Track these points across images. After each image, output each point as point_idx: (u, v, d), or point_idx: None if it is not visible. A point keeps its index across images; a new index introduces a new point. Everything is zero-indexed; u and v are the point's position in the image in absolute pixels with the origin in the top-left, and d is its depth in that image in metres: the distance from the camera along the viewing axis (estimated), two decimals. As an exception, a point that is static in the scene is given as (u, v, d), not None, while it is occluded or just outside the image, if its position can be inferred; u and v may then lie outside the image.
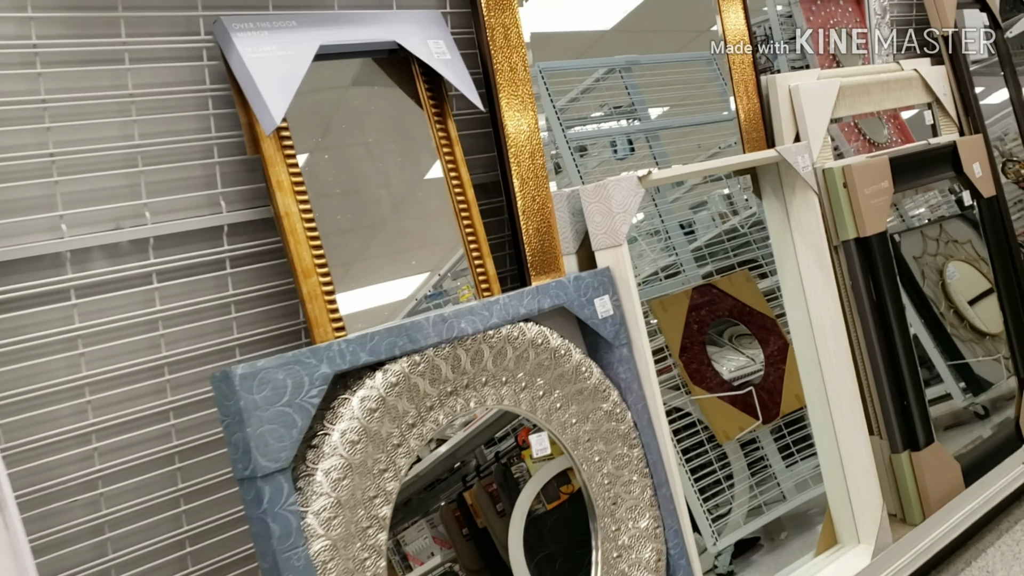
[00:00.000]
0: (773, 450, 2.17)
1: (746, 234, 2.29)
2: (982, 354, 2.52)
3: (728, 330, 2.20)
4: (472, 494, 1.57)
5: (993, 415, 2.46)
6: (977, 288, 2.51)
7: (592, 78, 2.09)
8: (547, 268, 1.57)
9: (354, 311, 1.43)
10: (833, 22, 2.43)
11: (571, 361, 1.48)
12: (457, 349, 1.34)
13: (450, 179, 1.50)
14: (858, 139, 2.46)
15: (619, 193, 1.56)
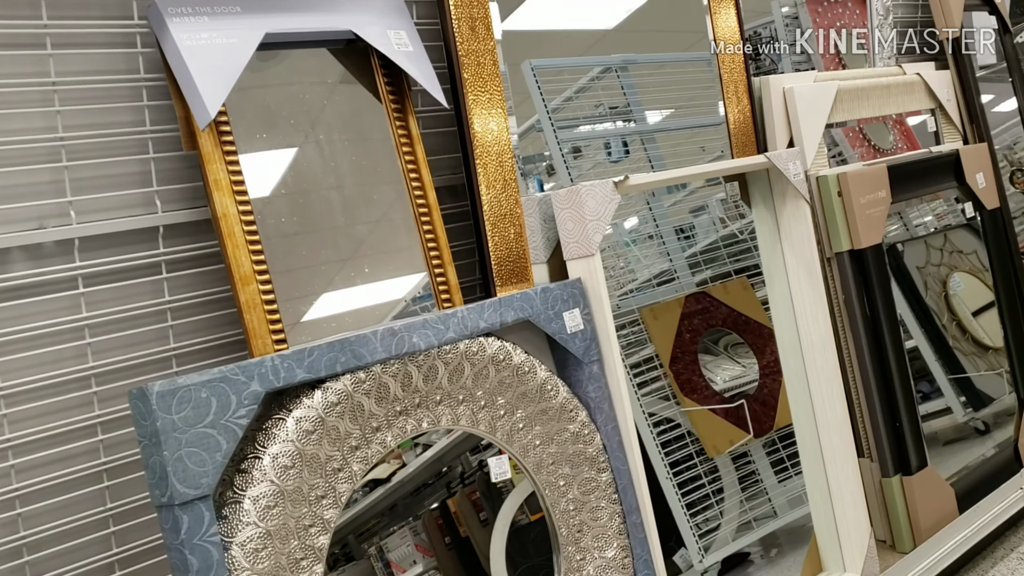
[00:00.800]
0: (765, 464, 2.09)
1: (745, 240, 2.21)
2: (984, 368, 2.44)
3: (724, 339, 2.11)
4: (455, 502, 1.50)
5: (994, 431, 2.37)
6: (981, 300, 2.42)
7: (587, 77, 2.01)
8: (515, 278, 1.47)
9: (341, 311, 1.36)
10: (840, 24, 2.33)
11: (535, 379, 1.38)
12: (408, 366, 1.24)
13: (410, 180, 1.40)
14: (863, 144, 2.35)
15: (592, 199, 1.45)
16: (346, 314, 1.38)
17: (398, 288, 1.45)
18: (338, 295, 1.39)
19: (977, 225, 2.49)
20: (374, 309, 1.42)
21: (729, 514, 2.04)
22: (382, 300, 1.43)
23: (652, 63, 2.10)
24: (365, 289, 1.42)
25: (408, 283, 1.45)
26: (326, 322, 1.36)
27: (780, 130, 1.92)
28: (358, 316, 1.39)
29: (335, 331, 1.36)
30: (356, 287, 1.41)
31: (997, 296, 2.33)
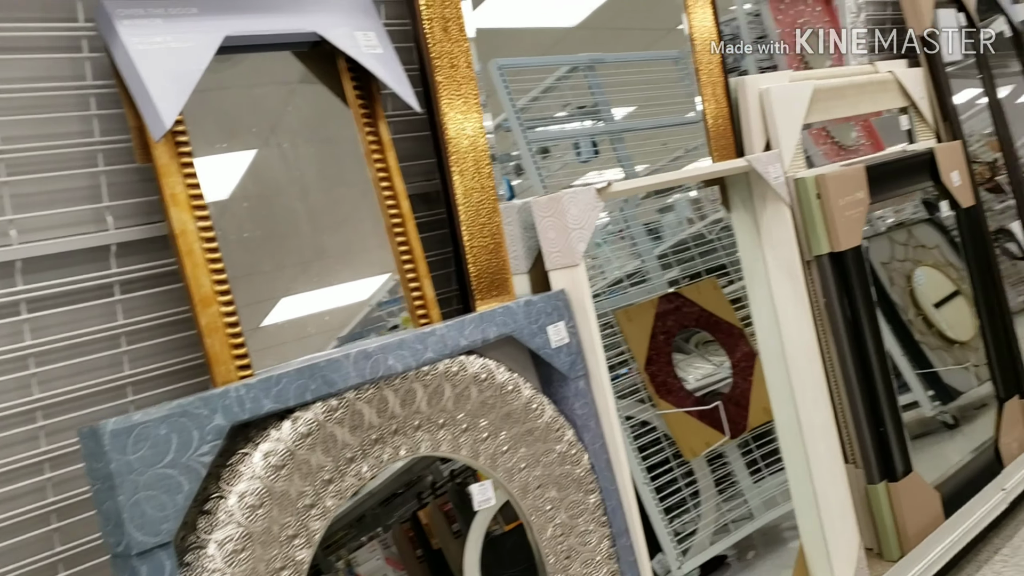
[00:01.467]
0: (741, 466, 2.06)
1: (712, 240, 2.17)
2: (951, 362, 2.44)
3: (694, 337, 2.06)
4: (427, 513, 1.42)
5: (963, 424, 2.37)
6: (943, 292, 2.42)
7: (554, 76, 1.97)
8: (495, 290, 1.39)
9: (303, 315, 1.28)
10: (802, 22, 2.29)
11: (520, 398, 1.30)
12: (384, 390, 1.15)
13: (381, 189, 1.32)
14: (826, 142, 2.32)
15: (575, 207, 1.38)
16: (307, 318, 1.30)
17: (361, 291, 1.37)
18: (299, 299, 1.32)
19: (939, 220, 2.49)
20: (336, 312, 1.34)
21: (706, 518, 2.01)
22: (345, 303, 1.35)
23: (619, 62, 2.06)
24: (327, 292, 1.34)
25: (371, 286, 1.37)
26: (286, 327, 1.28)
27: (757, 132, 1.86)
28: (319, 320, 1.31)
29: (296, 336, 1.28)
30: (318, 290, 1.32)
31: (975, 295, 2.30)
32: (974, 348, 2.46)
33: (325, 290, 1.34)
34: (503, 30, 1.76)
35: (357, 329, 1.38)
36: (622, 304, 1.93)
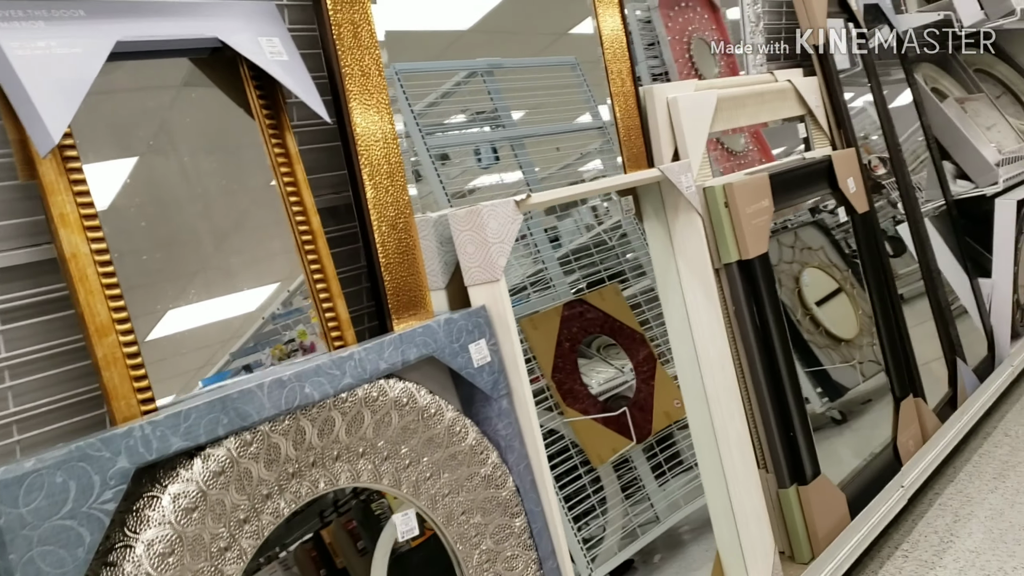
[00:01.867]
0: (646, 470, 2.07)
1: (611, 245, 2.17)
2: (838, 360, 2.51)
3: (595, 341, 2.06)
4: (330, 532, 1.35)
5: (850, 419, 2.43)
6: (825, 290, 2.50)
7: (452, 81, 1.93)
8: (411, 307, 1.33)
9: (191, 327, 1.19)
10: (691, 29, 2.31)
11: (442, 421, 1.25)
12: (300, 420, 1.08)
13: (290, 204, 1.24)
14: (716, 148, 2.34)
15: (495, 220, 1.33)
16: (195, 332, 1.21)
17: (252, 303, 1.29)
18: (187, 311, 1.22)
19: (823, 222, 2.57)
20: (227, 325, 1.25)
21: (613, 523, 2.01)
22: (236, 315, 1.27)
23: (518, 67, 2.04)
24: (218, 304, 1.25)
25: (260, 296, 1.29)
26: (173, 340, 1.19)
27: (666, 140, 1.86)
28: (208, 334, 1.23)
29: (189, 348, 1.20)
30: (207, 301, 1.23)
31: (871, 298, 2.37)
32: (858, 345, 2.55)
33: (214, 302, 1.24)
34: (393, 33, 1.72)
35: (250, 343, 1.30)
36: (527, 312, 1.91)
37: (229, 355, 1.28)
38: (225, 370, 1.25)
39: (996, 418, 2.92)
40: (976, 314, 2.98)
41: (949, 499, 2.43)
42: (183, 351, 1.20)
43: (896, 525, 2.30)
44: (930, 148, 2.93)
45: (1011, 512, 2.34)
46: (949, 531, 2.27)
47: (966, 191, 3.00)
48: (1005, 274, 3.02)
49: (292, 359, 1.26)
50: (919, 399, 2.43)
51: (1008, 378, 2.95)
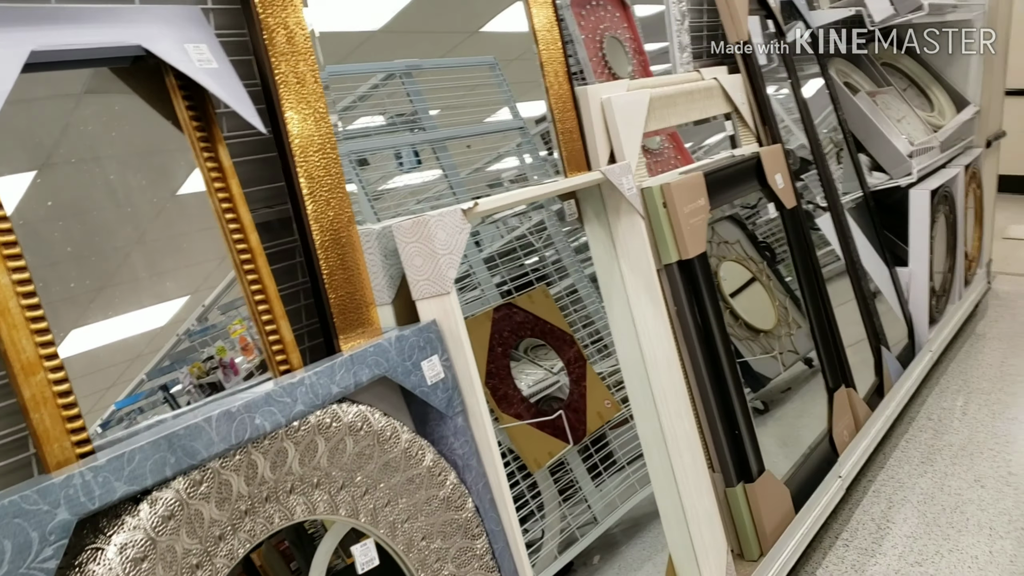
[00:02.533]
0: (582, 471, 2.06)
1: (534, 244, 2.16)
2: (758, 351, 2.55)
3: (523, 343, 2.03)
4: (260, 554, 1.28)
5: (772, 409, 2.47)
6: (739, 282, 2.54)
7: (369, 84, 1.87)
8: (357, 324, 1.26)
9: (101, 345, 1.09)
10: (603, 27, 2.29)
11: (399, 444, 1.19)
12: (252, 454, 1.01)
13: (226, 222, 1.16)
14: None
15: (443, 231, 1.28)
16: (102, 349, 1.12)
17: (163, 316, 1.20)
18: (95, 328, 1.12)
19: (738, 216, 2.61)
20: (138, 341, 1.16)
21: (552, 529, 1.99)
22: (147, 330, 1.18)
23: (436, 68, 2.00)
24: (127, 319, 1.16)
25: (172, 309, 1.21)
26: (80, 360, 1.09)
27: (601, 142, 1.83)
28: (115, 352, 1.14)
29: (97, 368, 1.10)
30: (116, 318, 1.14)
31: (802, 292, 2.39)
32: (777, 336, 2.59)
33: (122, 318, 1.15)
34: None
35: (165, 362, 1.21)
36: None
37: (143, 375, 1.20)
38: (139, 391, 1.17)
39: (918, 403, 3.00)
40: (895, 302, 3.05)
41: (882, 486, 2.48)
42: (90, 371, 1.11)
43: (836, 515, 2.34)
44: (847, 141, 2.98)
45: (941, 495, 2.40)
46: (885, 518, 2.31)
47: (882, 182, 3.08)
48: (921, 262, 3.10)
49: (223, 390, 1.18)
50: (851, 389, 2.47)
51: (928, 363, 3.04)
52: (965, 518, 2.28)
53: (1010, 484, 2.43)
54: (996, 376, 3.19)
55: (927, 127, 3.38)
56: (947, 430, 2.79)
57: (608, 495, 2.08)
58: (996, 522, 2.25)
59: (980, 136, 3.85)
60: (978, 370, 3.27)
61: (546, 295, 2.10)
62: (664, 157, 2.41)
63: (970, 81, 3.75)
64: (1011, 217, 5.76)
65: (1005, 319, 3.82)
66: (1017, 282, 4.38)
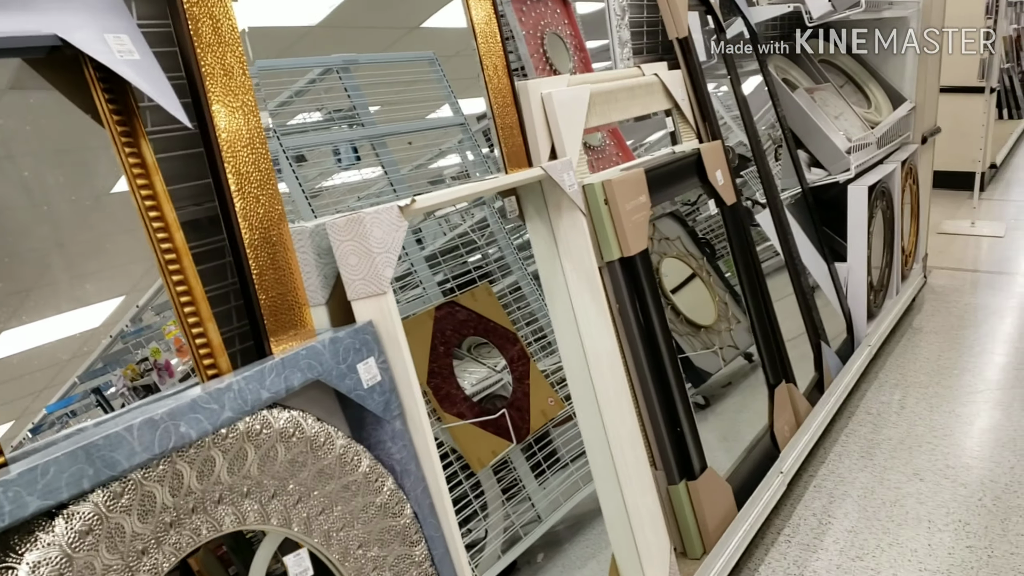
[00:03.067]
0: (526, 470, 2.06)
1: (476, 241, 2.13)
2: (699, 346, 2.56)
3: (466, 341, 2.01)
4: (198, 559, 1.28)
5: (713, 403, 2.52)
6: (680, 278, 2.58)
7: (306, 79, 1.84)
8: (290, 326, 1.22)
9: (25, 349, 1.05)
10: (544, 23, 2.27)
11: (333, 451, 1.15)
12: (177, 463, 0.96)
13: (149, 220, 1.11)
14: (578, 144, 2.32)
15: (379, 229, 1.24)
16: (31, 352, 1.07)
17: (96, 318, 1.16)
18: (22, 331, 1.08)
19: (679, 213, 2.62)
20: (69, 343, 1.12)
21: (496, 528, 1.98)
22: (79, 331, 1.14)
23: (374, 63, 1.97)
24: (57, 321, 1.11)
25: (106, 311, 1.16)
26: (7, 363, 1.05)
27: (542, 137, 1.81)
28: (44, 354, 1.09)
29: (26, 372, 1.06)
30: (44, 320, 1.10)
31: (742, 287, 2.40)
32: (717, 331, 2.61)
33: (52, 320, 1.11)
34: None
35: (98, 364, 1.17)
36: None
37: (76, 378, 1.15)
38: (72, 394, 1.12)
39: (858, 397, 3.05)
40: (834, 297, 3.09)
41: (823, 480, 2.50)
42: (21, 375, 1.06)
43: (777, 511, 2.35)
44: (785, 138, 3.01)
45: (880, 489, 2.43)
46: (826, 512, 2.33)
47: (820, 179, 3.11)
48: (859, 258, 3.15)
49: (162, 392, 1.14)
50: (791, 384, 2.48)
51: (867, 358, 3.08)
52: (904, 511, 2.31)
53: (948, 477, 2.47)
54: (933, 370, 3.25)
55: (864, 123, 3.43)
56: (886, 424, 2.83)
57: (552, 493, 2.08)
58: (934, 515, 2.28)
59: (916, 132, 3.92)
60: (915, 364, 3.33)
61: (489, 293, 2.08)
62: (606, 154, 2.40)
63: (906, 78, 3.82)
64: (945, 212, 5.89)
65: (941, 313, 3.90)
66: (952, 276, 4.48)
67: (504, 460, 2.03)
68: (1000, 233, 5.28)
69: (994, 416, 2.83)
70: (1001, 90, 7.08)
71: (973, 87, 5.92)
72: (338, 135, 1.93)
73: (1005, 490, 2.37)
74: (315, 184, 1.83)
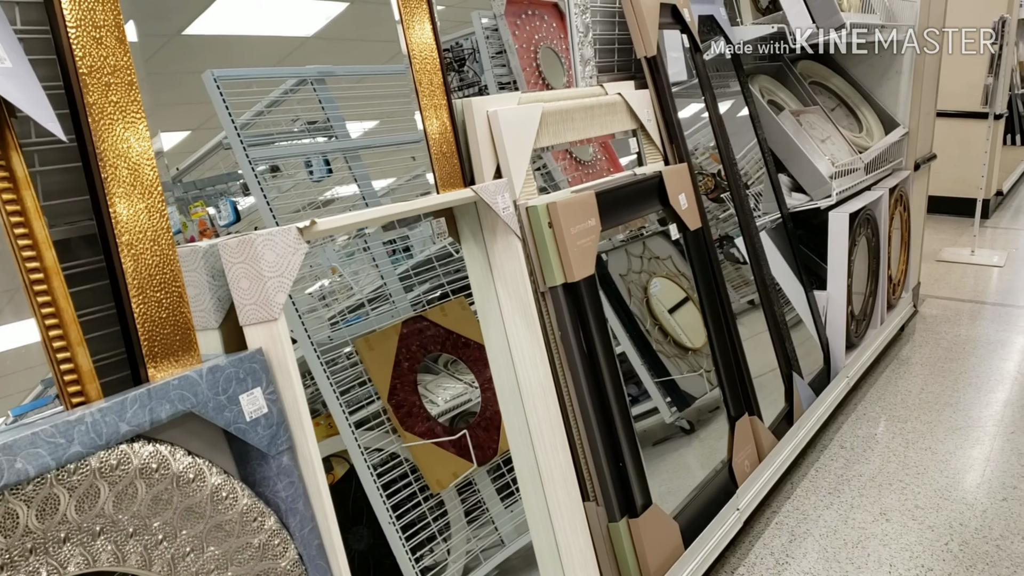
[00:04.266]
0: (491, 492, 1.99)
1: (460, 259, 2.07)
2: (686, 369, 2.49)
3: (443, 357, 1.95)
4: None
5: (699, 428, 2.41)
6: (675, 299, 2.47)
7: (280, 89, 1.79)
8: (173, 352, 1.15)
9: None
10: (538, 37, 2.22)
11: (205, 488, 1.08)
12: (11, 502, 0.90)
13: (15, 238, 1.05)
14: (565, 157, 2.26)
15: (272, 252, 1.18)
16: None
17: None
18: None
19: (670, 233, 2.54)
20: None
21: (457, 550, 1.91)
22: None
23: (351, 75, 1.92)
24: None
25: None
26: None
27: (487, 157, 1.74)
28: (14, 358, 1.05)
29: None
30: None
31: (704, 319, 2.32)
32: (706, 354, 2.53)
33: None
34: (232, 37, 1.62)
35: None
36: (364, 331, 1.78)
37: (40, 383, 1.10)
38: (44, 396, 1.09)
39: (832, 430, 2.96)
40: (812, 326, 3.00)
41: (786, 517, 2.41)
42: None
43: (733, 548, 2.26)
44: (766, 161, 2.93)
45: (844, 529, 2.34)
46: (785, 552, 2.24)
47: (801, 204, 3.03)
48: (839, 286, 3.06)
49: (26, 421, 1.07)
50: (754, 418, 2.40)
51: (844, 390, 2.99)
52: (866, 554, 2.22)
53: (915, 518, 2.38)
54: (914, 403, 3.16)
55: (853, 148, 3.34)
56: (859, 459, 2.74)
57: (517, 517, 2.00)
58: (897, 558, 2.19)
59: (909, 158, 3.83)
60: (897, 396, 3.23)
61: (463, 307, 2.00)
62: (596, 169, 2.34)
63: (900, 102, 3.73)
64: (947, 239, 5.79)
65: (929, 344, 3.80)
66: (946, 306, 4.38)
67: (469, 481, 1.97)
68: (1001, 263, 5.17)
69: (972, 455, 2.73)
70: (1012, 116, 6.96)
71: (979, 112, 5.81)
72: (309, 147, 1.88)
73: (974, 535, 2.28)
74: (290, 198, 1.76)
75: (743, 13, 2.99)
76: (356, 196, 1.88)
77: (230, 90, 1.62)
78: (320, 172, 1.89)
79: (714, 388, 2.53)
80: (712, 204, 2.73)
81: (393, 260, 2.00)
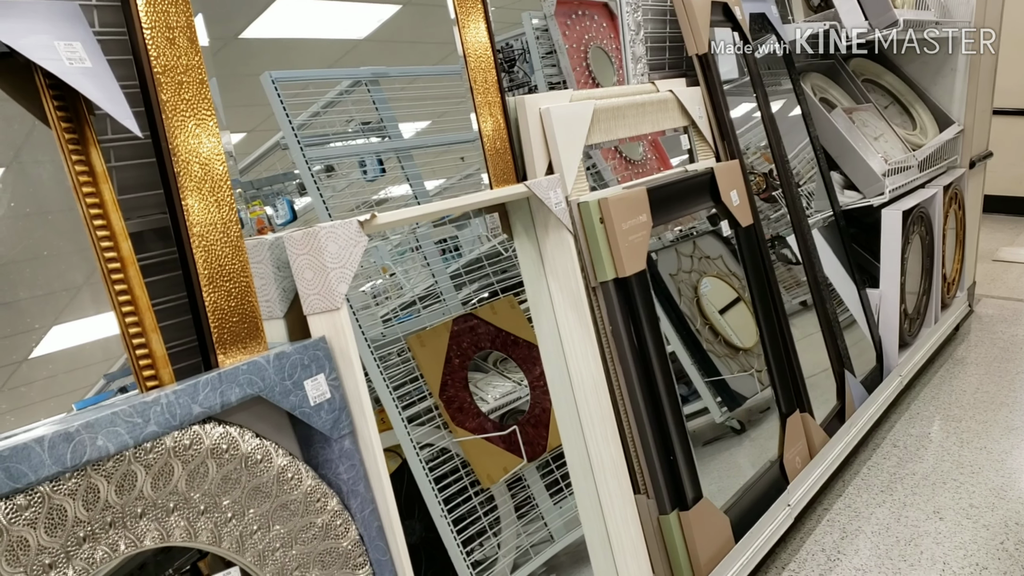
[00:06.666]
0: (540, 488, 2.01)
1: (510, 257, 2.10)
2: (737, 369, 2.49)
3: (492, 355, 1.98)
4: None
5: (749, 429, 2.41)
6: (726, 299, 2.48)
7: (335, 91, 1.84)
8: (242, 340, 1.20)
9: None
10: (588, 37, 2.25)
11: (271, 468, 1.13)
12: (92, 477, 0.95)
13: (94, 229, 1.10)
14: (615, 157, 2.28)
15: (334, 244, 1.22)
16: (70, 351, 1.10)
17: None
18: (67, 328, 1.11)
19: (722, 232, 2.54)
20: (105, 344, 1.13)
21: (507, 545, 1.94)
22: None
23: (404, 76, 1.96)
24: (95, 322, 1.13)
25: None
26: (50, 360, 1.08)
27: (539, 154, 1.77)
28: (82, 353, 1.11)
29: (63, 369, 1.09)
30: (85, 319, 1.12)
31: (756, 315, 2.33)
32: (757, 354, 2.53)
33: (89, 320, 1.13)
34: (288, 40, 1.65)
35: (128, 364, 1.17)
36: (415, 328, 1.82)
37: (103, 377, 1.15)
38: (107, 390, 1.14)
39: (885, 429, 2.93)
40: (864, 324, 2.98)
41: (837, 514, 2.40)
42: (55, 373, 1.09)
43: (784, 543, 2.26)
44: (818, 159, 2.92)
45: (897, 526, 2.32)
46: (836, 548, 2.24)
47: (853, 202, 3.01)
48: (892, 284, 3.03)
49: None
50: (806, 414, 2.40)
51: (896, 388, 2.97)
52: (919, 551, 2.20)
53: (970, 517, 2.35)
54: (969, 403, 3.12)
55: (906, 146, 3.31)
56: (912, 458, 2.72)
57: (567, 513, 2.02)
58: (951, 557, 2.17)
59: (964, 156, 3.77)
60: (952, 396, 3.19)
61: (512, 305, 2.03)
62: (647, 169, 2.36)
63: (955, 99, 3.68)
64: (1003, 239, 5.68)
65: (985, 343, 3.74)
66: (1002, 305, 4.30)
67: (520, 476, 2.00)
68: (1060, 262, 5.07)
69: (1029, 455, 2.70)
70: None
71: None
72: (363, 147, 1.92)
73: (1031, 535, 2.25)
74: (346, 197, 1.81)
75: (795, 11, 2.99)
76: (408, 196, 1.93)
77: (287, 91, 1.67)
78: (374, 172, 1.93)
79: (765, 388, 2.52)
80: (764, 204, 2.73)
81: (443, 259, 2.04)
